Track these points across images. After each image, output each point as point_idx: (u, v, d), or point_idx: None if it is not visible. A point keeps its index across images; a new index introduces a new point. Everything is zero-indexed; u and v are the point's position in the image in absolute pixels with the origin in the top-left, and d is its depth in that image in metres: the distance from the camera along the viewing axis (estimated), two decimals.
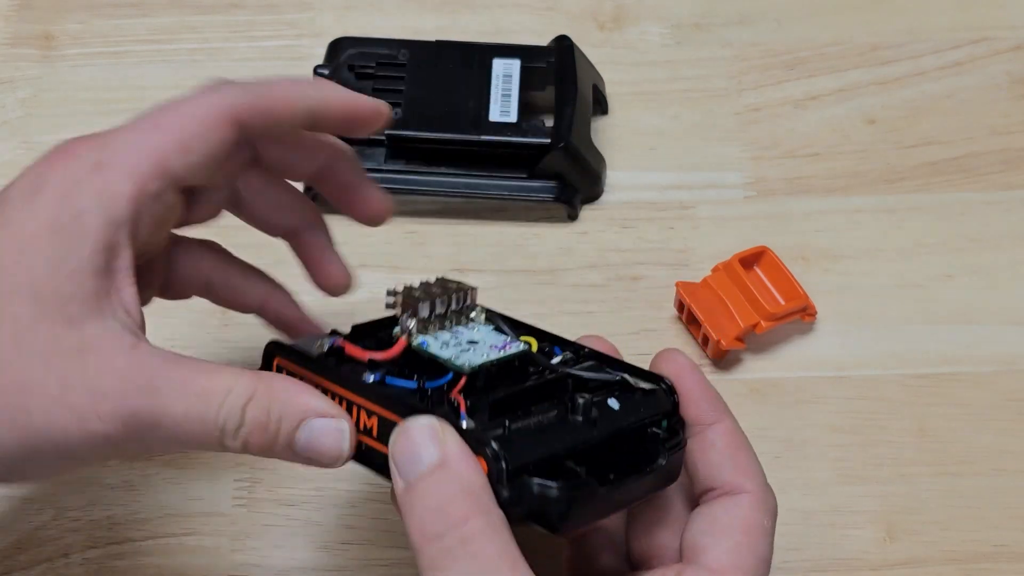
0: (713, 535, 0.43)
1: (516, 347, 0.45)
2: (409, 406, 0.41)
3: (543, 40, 0.66)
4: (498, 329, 0.47)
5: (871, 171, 0.65)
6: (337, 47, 0.65)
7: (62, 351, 0.40)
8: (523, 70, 0.64)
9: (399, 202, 0.55)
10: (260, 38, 0.70)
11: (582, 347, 0.47)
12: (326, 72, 0.64)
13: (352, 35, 0.66)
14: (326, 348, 0.45)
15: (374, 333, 0.47)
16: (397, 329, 0.46)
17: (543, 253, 0.62)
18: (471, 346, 0.45)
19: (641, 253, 0.62)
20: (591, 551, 0.47)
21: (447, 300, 0.46)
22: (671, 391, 0.44)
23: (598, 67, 0.67)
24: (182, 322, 0.58)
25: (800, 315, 0.59)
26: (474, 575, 0.37)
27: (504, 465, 0.39)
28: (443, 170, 0.62)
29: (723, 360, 0.59)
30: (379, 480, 0.50)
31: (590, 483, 0.40)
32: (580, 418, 0.42)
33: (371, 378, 0.44)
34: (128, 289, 0.42)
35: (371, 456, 0.42)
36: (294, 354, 0.45)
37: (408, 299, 0.45)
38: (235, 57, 0.69)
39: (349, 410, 0.43)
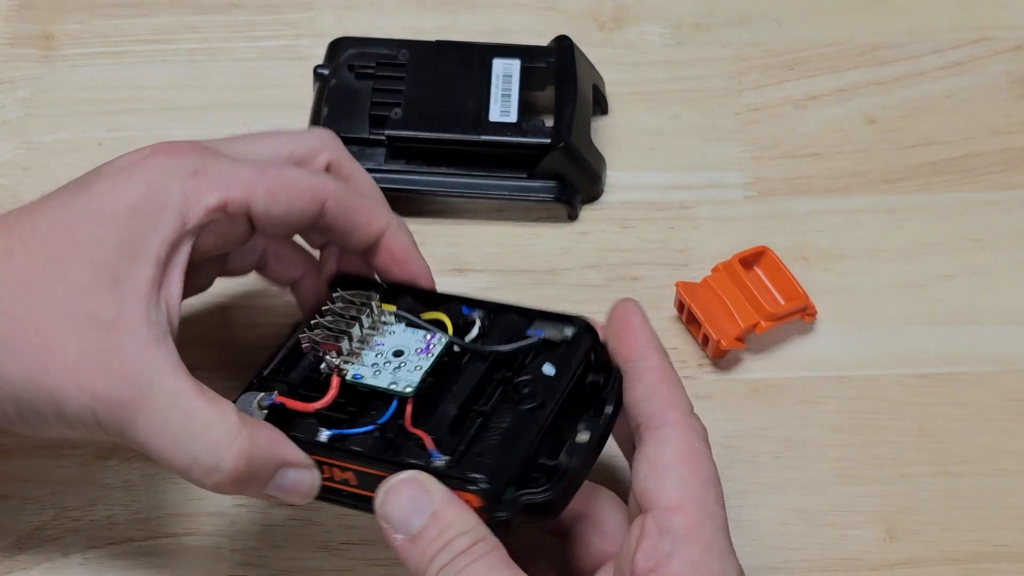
0: (656, 478, 0.44)
1: (438, 341, 0.47)
2: (384, 461, 0.44)
3: (543, 40, 0.66)
4: (411, 324, 0.49)
5: (871, 171, 0.65)
6: (337, 47, 0.65)
7: (94, 323, 0.43)
8: (523, 70, 0.64)
9: (399, 202, 0.55)
10: (260, 38, 0.70)
11: (486, 301, 0.49)
12: (326, 72, 0.64)
13: (352, 35, 0.66)
14: (266, 408, 0.47)
15: (286, 369, 0.49)
16: (323, 366, 0.47)
17: (543, 253, 0.62)
18: (398, 359, 0.47)
19: (641, 253, 0.62)
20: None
21: (359, 321, 0.48)
22: (588, 328, 0.47)
23: (598, 67, 0.67)
24: None
25: (800, 315, 0.59)
26: None
27: (493, 492, 0.42)
28: (443, 170, 0.62)
29: (723, 360, 0.59)
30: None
31: (568, 470, 0.44)
32: (529, 404, 0.45)
33: (325, 435, 0.46)
34: (176, 286, 0.45)
35: (347, 498, 0.46)
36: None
37: (326, 339, 0.47)
38: (235, 57, 0.69)
39: (320, 467, 0.45)
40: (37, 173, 0.64)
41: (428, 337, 0.48)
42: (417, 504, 0.42)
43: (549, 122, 0.62)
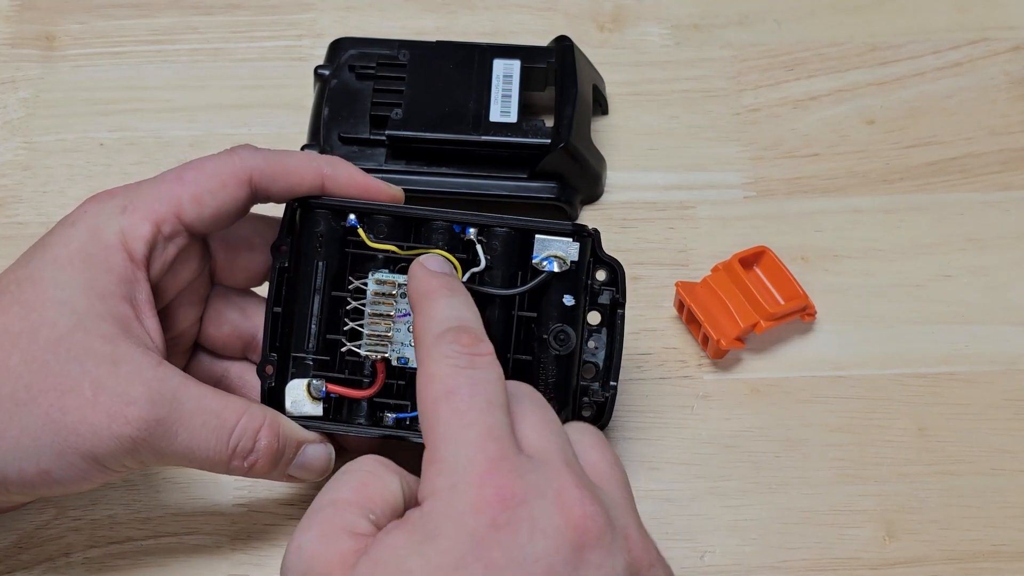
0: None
1: None
2: None
3: (543, 40, 0.66)
4: None
5: (871, 171, 0.65)
6: (337, 47, 0.65)
7: (97, 359, 0.44)
8: (523, 70, 0.64)
9: None
10: (260, 38, 0.70)
11: (475, 217, 0.50)
12: (327, 72, 0.64)
13: (352, 35, 0.66)
14: (320, 398, 0.50)
15: (302, 344, 0.50)
16: (364, 352, 0.50)
17: None
18: None
19: (641, 253, 0.62)
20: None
21: (388, 304, 0.50)
22: (586, 234, 0.50)
23: (598, 67, 0.67)
24: None
25: (800, 315, 0.59)
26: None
27: None
28: (443, 170, 0.62)
29: (723, 360, 0.59)
30: None
31: (611, 397, 0.50)
32: (566, 349, 0.50)
33: (392, 419, 0.50)
34: (151, 319, 0.47)
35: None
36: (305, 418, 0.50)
37: (368, 339, 0.50)
38: (235, 57, 0.69)
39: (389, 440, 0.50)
40: (38, 173, 0.64)
41: None
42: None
43: (549, 122, 0.62)
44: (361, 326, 0.50)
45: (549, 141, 0.61)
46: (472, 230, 0.50)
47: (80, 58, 0.69)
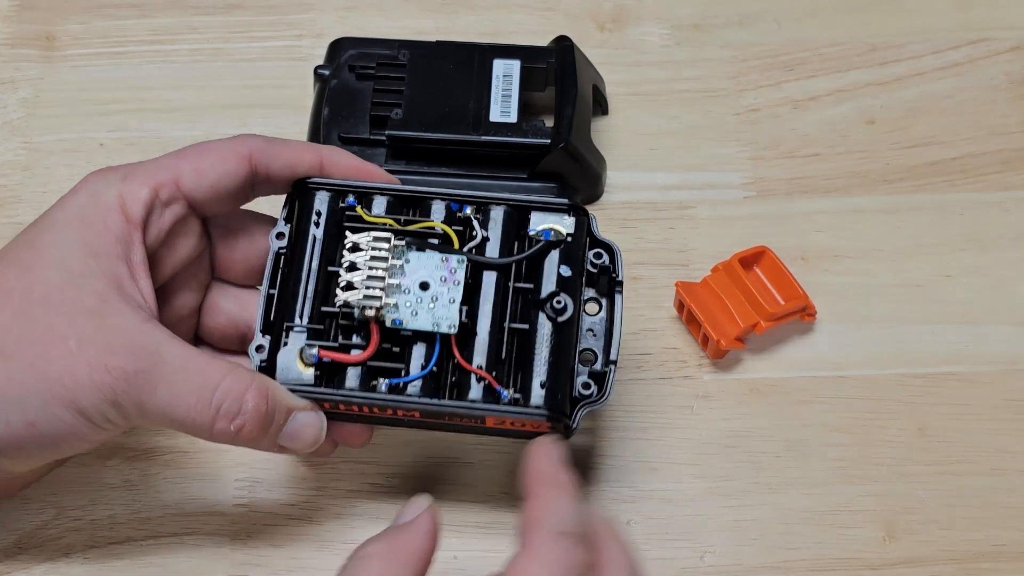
0: None
1: (459, 264, 0.49)
2: (461, 407, 0.48)
3: (543, 40, 0.66)
4: (420, 248, 0.50)
5: (871, 171, 0.65)
6: (337, 47, 0.65)
7: (84, 311, 0.45)
8: (523, 70, 0.64)
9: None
10: (260, 38, 0.70)
11: (478, 196, 0.51)
12: (327, 72, 0.64)
13: (352, 35, 0.66)
14: (312, 364, 0.49)
15: (289, 312, 0.49)
16: (357, 313, 0.49)
17: None
18: (426, 293, 0.49)
19: (641, 253, 0.62)
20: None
21: (384, 263, 0.49)
22: (582, 211, 0.51)
23: (598, 67, 0.67)
24: None
25: (800, 315, 0.59)
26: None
27: (564, 417, 0.48)
28: (443, 170, 0.62)
29: (723, 360, 0.59)
30: (380, 478, 0.50)
31: (611, 370, 0.50)
32: (564, 316, 0.49)
33: (385, 385, 0.48)
34: (144, 280, 0.47)
35: (407, 423, 0.50)
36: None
37: (365, 294, 0.48)
38: (235, 57, 0.69)
39: (384, 410, 0.48)
40: (38, 173, 0.64)
41: (446, 261, 0.49)
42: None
43: (549, 122, 0.62)
44: (354, 285, 0.49)
45: (549, 141, 0.61)
46: (469, 208, 0.51)
47: (80, 58, 0.69)
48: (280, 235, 0.51)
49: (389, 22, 0.70)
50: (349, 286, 0.49)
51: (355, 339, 0.49)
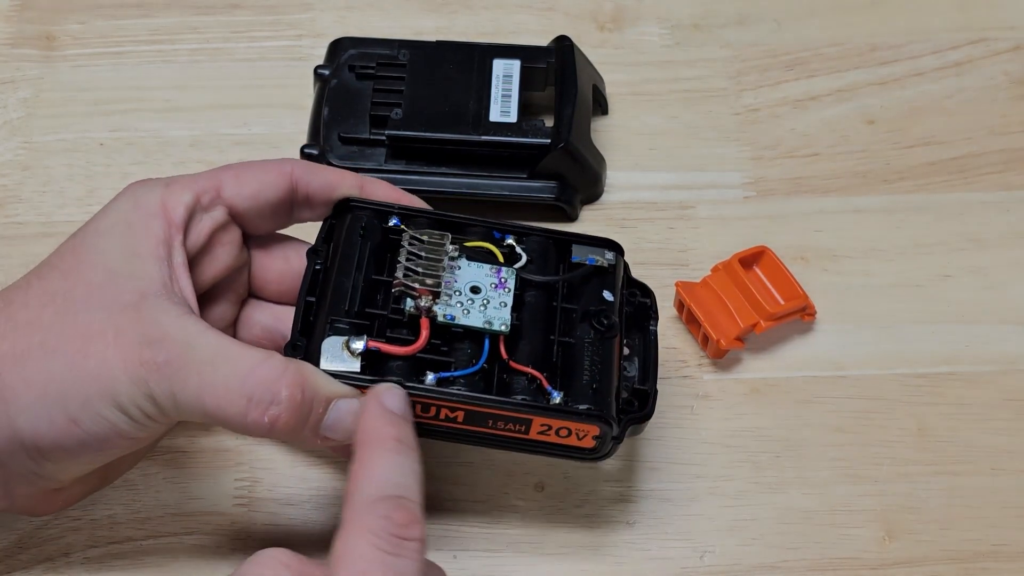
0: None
1: (509, 275, 0.50)
2: (508, 403, 0.47)
3: (543, 40, 0.66)
4: (471, 258, 0.50)
5: (871, 171, 0.65)
6: (337, 47, 0.65)
7: (123, 306, 0.45)
8: (523, 70, 0.64)
9: None
10: (260, 38, 0.70)
11: (516, 224, 0.52)
12: (326, 72, 0.64)
13: (352, 35, 0.66)
14: (359, 353, 0.47)
15: (343, 310, 0.49)
16: (409, 307, 0.48)
17: None
18: (478, 296, 0.49)
19: (641, 253, 0.62)
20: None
21: (441, 261, 0.49)
22: (616, 246, 0.52)
23: (598, 67, 0.67)
24: None
25: (800, 315, 0.59)
26: None
27: (611, 420, 0.48)
28: (443, 170, 0.62)
29: (723, 360, 0.59)
30: None
31: (654, 392, 0.51)
32: (611, 333, 0.50)
33: (432, 378, 0.47)
34: (185, 281, 0.48)
35: (447, 434, 0.48)
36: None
37: (418, 283, 0.48)
38: (235, 57, 0.69)
39: (427, 409, 0.47)
40: (38, 173, 0.64)
41: (496, 272, 0.50)
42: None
43: (549, 122, 0.62)
44: (407, 274, 0.48)
45: (549, 141, 0.61)
46: (511, 237, 0.51)
47: (80, 58, 0.69)
48: (316, 251, 0.50)
49: (389, 22, 0.70)
50: (407, 272, 0.48)
51: (404, 334, 0.48)
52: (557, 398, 0.47)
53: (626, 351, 0.51)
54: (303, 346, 0.48)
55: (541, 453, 0.49)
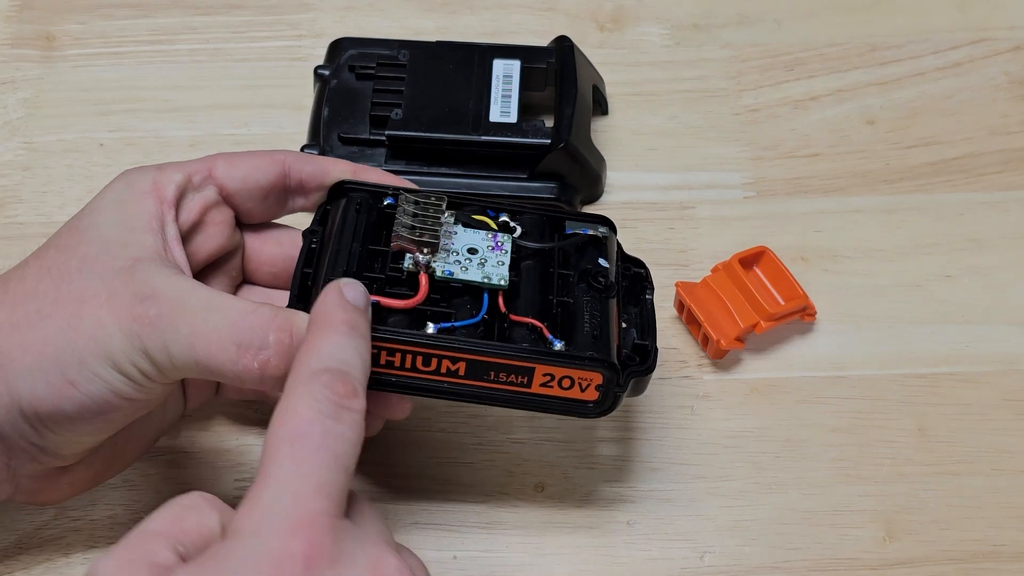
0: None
1: (505, 239, 0.50)
2: (513, 350, 0.47)
3: (543, 40, 0.66)
4: (467, 224, 0.51)
5: (871, 171, 0.65)
6: (337, 47, 0.65)
7: (116, 271, 0.46)
8: (523, 70, 0.64)
9: None
10: (260, 38, 0.70)
11: (508, 205, 0.52)
12: (326, 72, 0.64)
13: (352, 35, 0.66)
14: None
15: (343, 270, 0.48)
16: (408, 263, 0.48)
17: None
18: (475, 256, 0.49)
19: (641, 253, 0.61)
20: None
21: (439, 221, 0.49)
22: (608, 221, 0.53)
23: (598, 67, 0.67)
24: None
25: (800, 315, 0.59)
26: None
27: (615, 368, 0.48)
28: (443, 170, 0.62)
29: (723, 360, 0.59)
30: (382, 478, 0.50)
31: (655, 348, 0.50)
32: (609, 293, 0.50)
33: (433, 328, 0.47)
34: (179, 252, 0.49)
35: (446, 391, 0.48)
36: None
37: (416, 239, 0.48)
38: (235, 57, 0.69)
39: (428, 361, 0.47)
40: (38, 173, 0.64)
41: (492, 236, 0.50)
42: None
43: (549, 122, 0.62)
44: (405, 231, 0.48)
45: (549, 141, 0.61)
46: (505, 214, 0.52)
47: (80, 58, 0.69)
48: (312, 231, 0.50)
49: (389, 22, 0.70)
50: (405, 229, 0.48)
51: (403, 292, 0.48)
52: (559, 345, 0.47)
53: (624, 325, 0.51)
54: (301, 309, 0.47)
55: (543, 410, 0.49)
